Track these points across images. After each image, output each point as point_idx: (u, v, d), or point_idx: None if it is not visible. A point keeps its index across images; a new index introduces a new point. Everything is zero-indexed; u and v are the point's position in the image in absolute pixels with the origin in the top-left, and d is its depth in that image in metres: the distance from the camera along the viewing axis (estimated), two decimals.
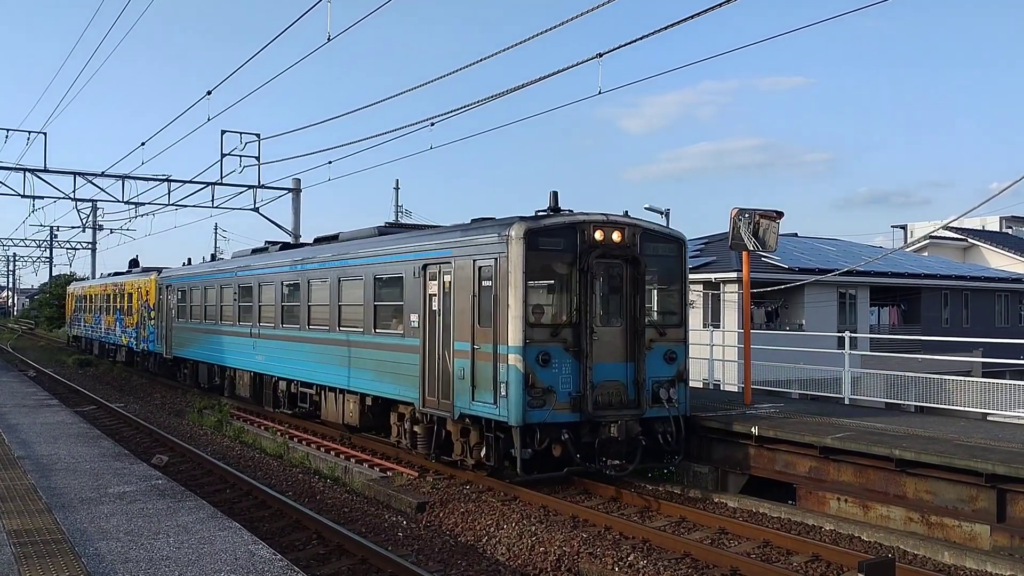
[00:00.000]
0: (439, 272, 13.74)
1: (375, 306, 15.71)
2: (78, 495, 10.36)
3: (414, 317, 14.26)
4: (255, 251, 23.79)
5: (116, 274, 40.82)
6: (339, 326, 17.05)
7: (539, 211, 13.29)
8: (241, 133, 29.31)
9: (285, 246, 22.98)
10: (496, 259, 12.44)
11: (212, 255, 39.65)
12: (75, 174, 30.73)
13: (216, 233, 75.24)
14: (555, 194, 13.40)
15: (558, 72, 15.20)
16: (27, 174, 29.86)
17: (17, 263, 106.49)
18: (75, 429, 16.23)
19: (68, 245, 70.16)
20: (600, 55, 13.99)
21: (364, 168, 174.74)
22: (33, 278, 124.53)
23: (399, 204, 52.09)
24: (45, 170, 29.93)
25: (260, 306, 21.25)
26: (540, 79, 15.52)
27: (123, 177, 30.96)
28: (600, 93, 14.86)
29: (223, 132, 29.03)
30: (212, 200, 31.79)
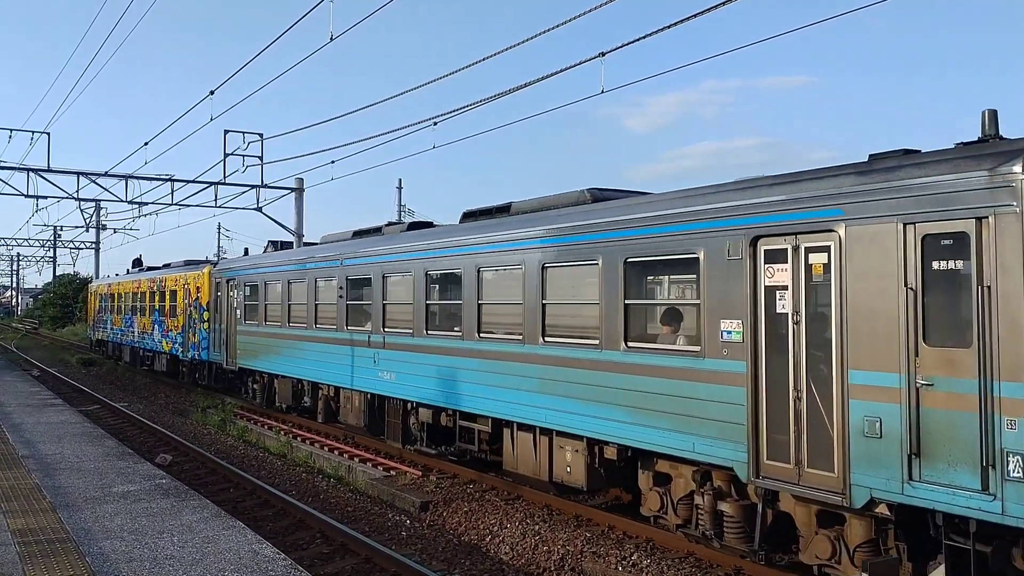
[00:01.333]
0: (798, 249, 8.50)
1: (626, 306, 10.50)
2: (82, 494, 10.39)
3: (732, 326, 9.10)
4: (359, 233, 18.17)
5: (149, 268, 35.91)
6: (543, 336, 11.79)
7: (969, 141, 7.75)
8: (244, 133, 29.29)
9: (414, 225, 17.27)
10: (982, 222, 7.06)
11: (245, 250, 34.26)
12: (78, 174, 30.73)
13: (219, 233, 75.22)
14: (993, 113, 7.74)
15: (561, 71, 15.20)
16: (31, 174, 29.86)
17: (21, 263, 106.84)
18: (79, 428, 16.27)
19: (72, 245, 70.28)
20: (603, 54, 13.98)
21: (367, 167, 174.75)
22: (37, 278, 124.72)
23: (402, 204, 52.15)
24: (49, 170, 29.93)
25: (386, 306, 15.80)
26: (543, 78, 15.52)
27: (126, 177, 30.96)
28: (603, 92, 14.81)
29: (226, 132, 29.02)
30: (215, 200, 31.77)
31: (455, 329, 13.75)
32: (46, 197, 32.42)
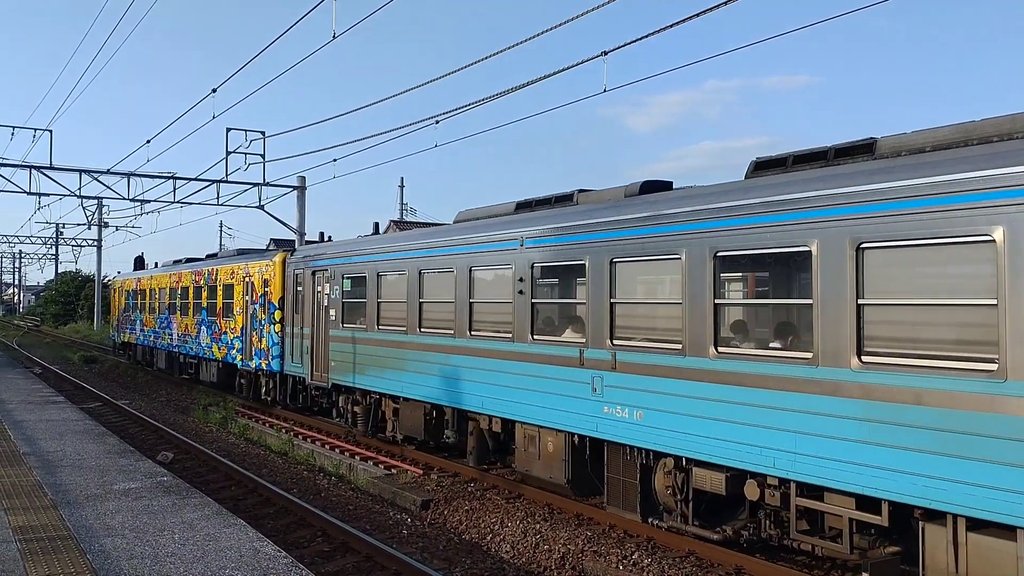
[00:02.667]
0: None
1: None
2: (84, 492, 10.40)
3: None
4: (527, 205, 13.12)
5: (188, 260, 30.47)
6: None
7: None
8: (246, 131, 29.26)
9: (650, 187, 11.13)
10: None
11: (321, 236, 28.41)
12: (81, 171, 30.71)
13: (221, 230, 75.26)
14: None
15: (564, 70, 15.16)
16: (33, 171, 29.87)
17: (23, 260, 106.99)
18: (81, 426, 16.28)
19: (74, 242, 70.28)
20: (605, 53, 13.96)
21: (369, 166, 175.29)
22: (39, 275, 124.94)
23: (404, 202, 52.15)
24: (51, 167, 29.92)
25: (617, 306, 10.53)
26: (546, 77, 15.49)
27: (129, 174, 30.95)
28: (605, 91, 14.77)
29: (228, 130, 29.00)
30: (217, 198, 31.75)
31: (762, 343, 9.55)
32: (48, 194, 32.47)
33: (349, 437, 17.89)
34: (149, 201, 33.22)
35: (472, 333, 13.17)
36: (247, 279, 22.88)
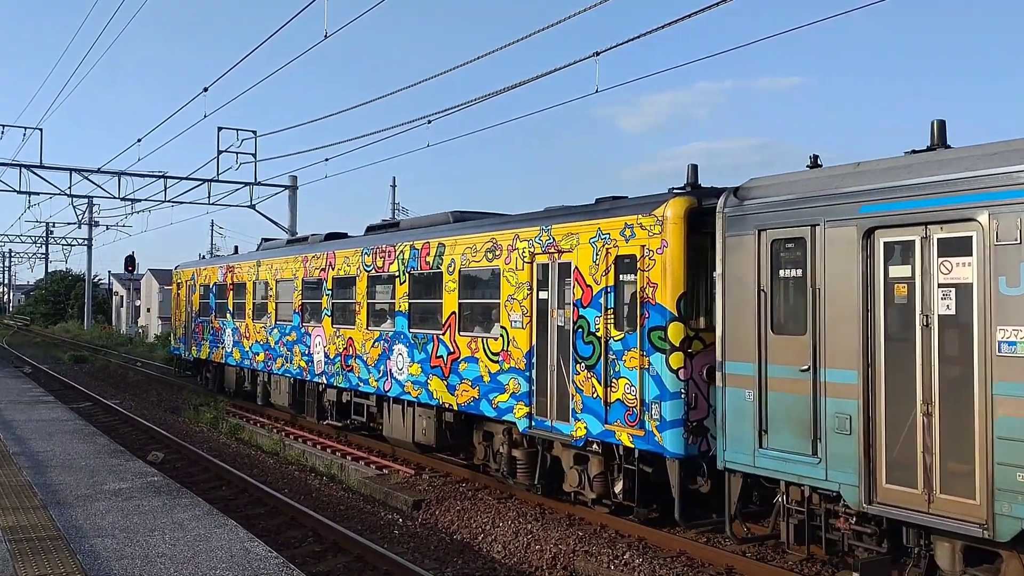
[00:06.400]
0: None
1: None
2: (73, 492, 10.36)
3: None
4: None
5: (335, 237, 18.90)
6: None
7: None
8: (238, 130, 29.30)
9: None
10: None
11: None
12: (71, 170, 30.63)
13: (212, 230, 74.95)
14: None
15: (556, 70, 15.19)
16: (23, 170, 29.80)
17: (13, 259, 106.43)
18: (71, 426, 16.22)
19: (64, 242, 69.96)
20: (597, 53, 13.98)
21: (361, 165, 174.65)
22: (29, 274, 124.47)
23: (396, 202, 51.99)
24: (41, 166, 29.85)
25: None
26: (538, 77, 15.51)
27: (119, 173, 30.88)
28: (597, 92, 14.78)
29: (220, 129, 29.04)
30: (208, 197, 31.75)
31: None
32: (38, 193, 32.44)
33: (339, 437, 17.74)
34: (140, 200, 33.22)
35: None
36: (551, 255, 11.57)
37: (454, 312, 13.45)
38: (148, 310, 68.06)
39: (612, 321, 10.53)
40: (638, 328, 10.13)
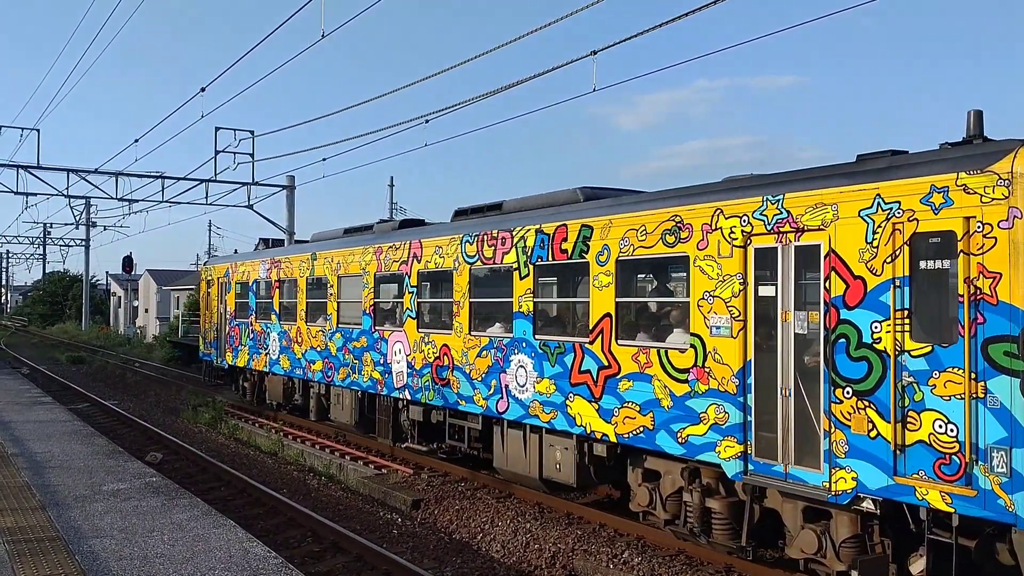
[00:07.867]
0: None
1: None
2: (72, 493, 10.36)
3: None
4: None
5: (404, 225, 16.33)
6: None
7: None
8: (235, 130, 29.24)
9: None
10: None
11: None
12: (68, 171, 30.57)
13: (210, 230, 74.96)
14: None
15: (553, 69, 15.17)
16: (20, 171, 29.73)
17: (10, 260, 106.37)
18: (69, 427, 16.21)
19: (61, 242, 69.89)
20: (595, 52, 13.98)
21: (358, 165, 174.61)
22: (26, 275, 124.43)
23: (394, 201, 52.01)
24: (38, 167, 29.80)
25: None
26: (535, 76, 15.50)
27: (117, 174, 30.83)
28: (595, 90, 14.75)
29: (217, 129, 28.97)
30: (206, 197, 31.67)
31: None
32: (36, 194, 32.35)
33: (339, 437, 17.76)
34: (137, 200, 33.13)
35: None
36: (781, 236, 8.59)
37: (608, 314, 10.43)
38: (146, 311, 68.00)
39: (907, 328, 7.51)
40: (965, 338, 7.07)
